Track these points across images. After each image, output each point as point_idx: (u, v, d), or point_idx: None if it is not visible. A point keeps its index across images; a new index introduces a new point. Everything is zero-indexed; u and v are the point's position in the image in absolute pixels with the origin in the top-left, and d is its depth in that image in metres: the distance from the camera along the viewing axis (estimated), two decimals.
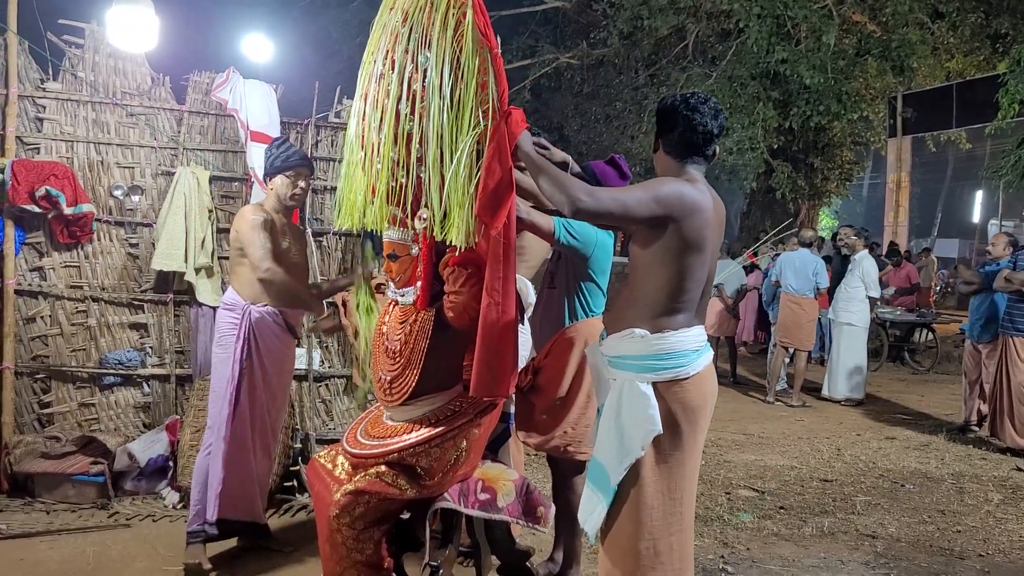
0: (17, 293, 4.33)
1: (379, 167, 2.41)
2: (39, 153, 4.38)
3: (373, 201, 2.50)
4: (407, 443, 2.51)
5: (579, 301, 3.07)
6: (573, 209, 2.10)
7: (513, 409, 3.02)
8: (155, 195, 4.58)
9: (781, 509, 4.52)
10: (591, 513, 2.32)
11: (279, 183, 3.43)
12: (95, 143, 4.49)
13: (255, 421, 3.46)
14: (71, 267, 4.48)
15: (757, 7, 11.08)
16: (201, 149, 4.67)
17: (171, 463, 4.25)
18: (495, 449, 2.92)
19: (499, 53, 2.30)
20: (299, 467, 4.31)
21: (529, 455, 4.48)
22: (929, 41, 12.51)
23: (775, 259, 8.91)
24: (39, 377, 4.43)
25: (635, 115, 13.96)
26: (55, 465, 4.08)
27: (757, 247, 10.46)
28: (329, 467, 2.69)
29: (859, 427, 6.90)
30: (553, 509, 2.81)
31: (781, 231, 10.42)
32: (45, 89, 4.42)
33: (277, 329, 3.47)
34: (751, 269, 9.97)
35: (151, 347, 4.62)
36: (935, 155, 22.88)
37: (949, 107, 14.86)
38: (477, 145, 2.26)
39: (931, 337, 10.87)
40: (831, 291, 8.20)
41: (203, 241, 4.46)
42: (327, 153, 4.89)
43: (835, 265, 8.87)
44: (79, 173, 4.39)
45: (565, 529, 3.24)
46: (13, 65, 4.27)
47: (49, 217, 4.28)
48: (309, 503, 4.07)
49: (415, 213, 2.47)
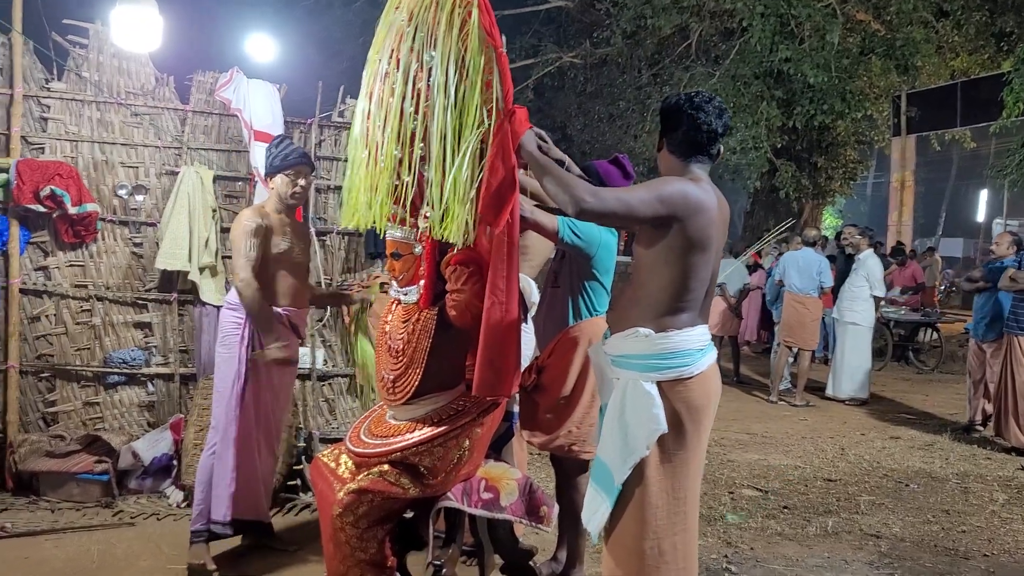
0: (22, 292, 4.35)
1: (383, 166, 2.41)
2: (44, 153, 4.40)
3: (377, 200, 2.50)
4: (410, 442, 2.51)
5: (583, 300, 3.07)
6: (577, 209, 2.09)
7: (517, 408, 3.02)
8: (159, 195, 4.59)
9: (785, 509, 4.51)
10: (595, 512, 2.31)
11: (279, 182, 3.43)
12: (99, 143, 4.50)
13: (259, 420, 3.47)
14: (76, 266, 4.49)
15: (760, 6, 11.03)
16: (205, 149, 4.68)
17: (175, 462, 4.26)
18: (498, 448, 2.92)
19: (504, 52, 2.30)
20: (303, 466, 4.32)
21: (532, 454, 4.48)
22: (933, 40, 12.45)
23: (779, 258, 8.89)
24: (44, 376, 4.45)
25: (638, 114, 13.92)
26: (60, 464, 4.10)
27: (759, 246, 10.44)
28: (332, 466, 2.69)
29: (863, 427, 6.89)
30: (556, 508, 2.81)
31: (783, 230, 10.40)
32: (50, 89, 4.43)
33: (280, 329, 3.47)
34: (755, 268, 9.95)
35: (155, 346, 4.63)
36: (939, 154, 22.77)
37: (953, 106, 14.80)
38: (481, 144, 2.26)
39: (935, 336, 10.86)
40: (835, 290, 8.18)
41: (207, 241, 4.48)
42: (331, 152, 4.89)
43: (839, 264, 8.85)
44: (83, 173, 4.40)
45: (568, 528, 3.24)
46: (18, 65, 4.29)
47: (54, 216, 4.29)
48: (313, 502, 4.08)
49: (418, 212, 2.47)
